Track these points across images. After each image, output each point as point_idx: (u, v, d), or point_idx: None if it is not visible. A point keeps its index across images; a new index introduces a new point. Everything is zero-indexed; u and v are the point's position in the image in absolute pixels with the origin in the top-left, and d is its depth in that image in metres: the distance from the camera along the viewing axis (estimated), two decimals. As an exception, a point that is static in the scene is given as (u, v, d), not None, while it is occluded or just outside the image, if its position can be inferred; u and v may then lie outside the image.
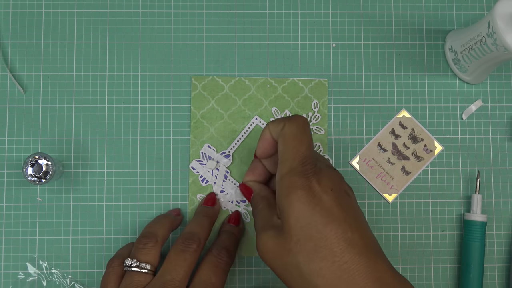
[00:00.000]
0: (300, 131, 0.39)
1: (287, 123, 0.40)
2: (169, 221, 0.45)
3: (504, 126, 0.50)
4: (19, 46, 0.49)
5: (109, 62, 0.49)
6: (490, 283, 0.48)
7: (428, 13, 0.51)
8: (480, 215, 0.47)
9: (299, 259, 0.36)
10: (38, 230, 0.47)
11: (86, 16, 0.49)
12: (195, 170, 0.48)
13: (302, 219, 0.36)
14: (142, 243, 0.42)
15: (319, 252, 0.36)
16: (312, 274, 0.35)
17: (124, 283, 0.40)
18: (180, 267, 0.41)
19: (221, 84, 0.49)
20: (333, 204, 0.37)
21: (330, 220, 0.36)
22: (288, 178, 0.38)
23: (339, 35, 0.50)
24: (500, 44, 0.41)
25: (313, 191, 0.37)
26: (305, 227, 0.36)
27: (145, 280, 0.40)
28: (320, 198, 0.37)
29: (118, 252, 0.44)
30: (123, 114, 0.48)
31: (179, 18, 0.50)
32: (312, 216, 0.36)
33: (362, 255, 0.35)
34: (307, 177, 0.37)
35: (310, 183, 0.37)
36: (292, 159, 0.38)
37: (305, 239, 0.36)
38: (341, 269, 0.35)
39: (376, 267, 0.36)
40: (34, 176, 0.44)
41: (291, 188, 0.37)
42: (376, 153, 0.49)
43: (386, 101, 0.49)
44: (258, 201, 0.43)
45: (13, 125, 0.48)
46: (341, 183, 0.39)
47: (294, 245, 0.36)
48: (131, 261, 0.41)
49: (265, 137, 0.42)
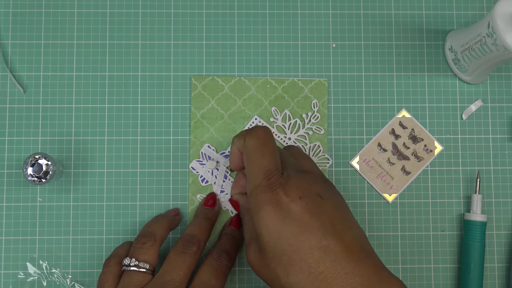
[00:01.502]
0: (260, 142, 0.39)
1: (247, 137, 0.39)
2: (167, 220, 0.45)
3: (504, 126, 0.50)
4: (19, 46, 0.49)
5: (109, 62, 0.49)
6: (490, 283, 0.48)
7: (428, 13, 0.51)
8: (480, 215, 0.47)
9: (278, 273, 0.36)
10: (38, 230, 0.47)
11: (86, 16, 0.49)
12: (195, 170, 0.48)
13: (274, 234, 0.36)
14: (141, 242, 0.42)
15: (294, 265, 0.35)
16: (292, 286, 0.36)
17: (123, 283, 0.40)
18: (180, 268, 0.41)
19: (221, 84, 0.49)
20: (303, 213, 0.36)
21: (301, 231, 0.35)
22: (255, 195, 0.37)
23: (339, 35, 0.50)
24: (500, 44, 0.41)
25: (280, 204, 0.36)
26: (277, 242, 0.36)
27: (143, 280, 0.40)
28: (288, 210, 0.36)
29: (114, 251, 0.44)
30: (123, 114, 0.48)
31: (179, 18, 0.50)
32: (282, 231, 0.36)
33: (339, 262, 0.35)
34: (273, 190, 0.37)
35: (276, 197, 0.36)
36: (256, 174, 0.38)
37: (280, 254, 0.36)
38: (318, 280, 0.35)
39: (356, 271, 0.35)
40: (34, 176, 0.44)
41: (259, 205, 0.37)
42: (376, 153, 0.49)
43: (386, 101, 0.50)
44: (243, 214, 0.44)
45: (13, 125, 0.48)
46: (312, 187, 0.38)
47: (271, 261, 0.36)
48: (130, 260, 0.41)
49: (233, 152, 0.42)
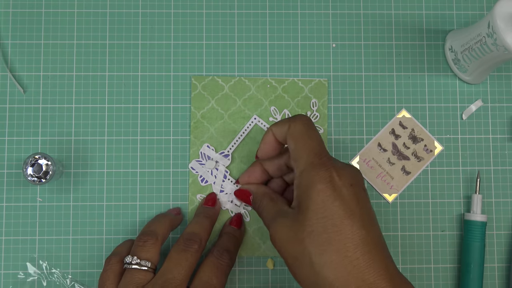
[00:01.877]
0: (307, 128, 0.40)
1: (292, 123, 0.40)
2: (169, 219, 0.45)
3: (504, 126, 0.50)
4: (19, 46, 0.49)
5: (109, 62, 0.49)
6: (490, 283, 0.48)
7: (428, 13, 0.51)
8: (480, 215, 0.47)
9: (311, 249, 0.36)
10: (38, 230, 0.47)
11: (86, 16, 0.49)
12: (194, 170, 0.48)
13: (320, 212, 0.36)
14: (142, 240, 0.42)
15: (332, 245, 0.36)
16: (323, 265, 0.36)
17: (124, 281, 0.40)
18: (181, 266, 0.41)
19: (221, 84, 0.49)
20: (352, 200, 0.37)
21: (347, 215, 0.36)
22: (307, 172, 0.38)
23: (339, 35, 0.50)
24: (500, 44, 0.41)
25: (334, 184, 0.37)
26: (321, 219, 0.36)
27: (145, 278, 0.40)
28: (340, 192, 0.37)
29: (115, 250, 0.44)
30: (123, 114, 0.48)
31: (179, 18, 0.50)
32: (330, 210, 0.36)
33: (374, 253, 0.36)
34: (327, 169, 0.37)
35: (330, 176, 0.37)
36: (307, 155, 0.38)
37: (320, 231, 0.36)
38: (352, 264, 0.35)
39: (386, 265, 0.36)
40: (34, 176, 0.44)
41: (312, 182, 0.37)
42: (376, 153, 0.49)
43: (386, 101, 0.49)
44: (260, 199, 0.43)
45: (13, 125, 0.48)
46: (360, 180, 0.39)
47: (308, 235, 0.36)
48: (131, 259, 0.41)
49: (268, 140, 0.42)
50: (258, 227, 0.48)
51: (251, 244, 0.48)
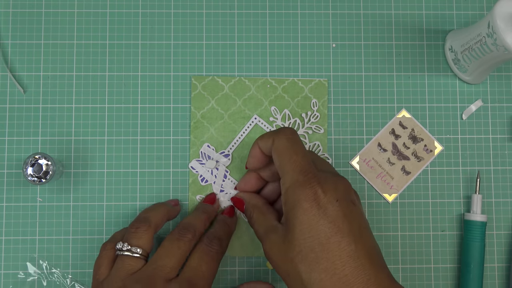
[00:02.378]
0: (291, 142, 0.39)
1: (276, 137, 0.40)
2: (165, 209, 0.45)
3: (504, 126, 0.50)
4: (19, 46, 0.49)
5: (109, 62, 0.49)
6: (490, 283, 0.48)
7: (428, 13, 0.51)
8: (480, 215, 0.47)
9: (301, 268, 0.36)
10: (38, 230, 0.47)
11: (86, 16, 0.49)
12: (194, 170, 0.48)
13: (306, 231, 0.36)
14: (135, 227, 0.42)
15: (320, 264, 0.36)
16: (312, 284, 0.36)
17: (116, 267, 0.40)
18: (173, 254, 0.41)
19: (221, 84, 0.49)
20: (338, 216, 0.36)
21: (333, 233, 0.36)
22: (292, 190, 0.38)
23: (339, 35, 0.50)
24: (500, 44, 0.41)
25: (318, 202, 0.37)
26: (308, 239, 0.36)
27: (136, 265, 0.40)
28: (325, 210, 0.37)
29: (113, 236, 0.44)
30: (123, 114, 0.48)
31: (179, 18, 0.50)
32: (316, 229, 0.36)
33: (363, 268, 0.36)
34: (311, 186, 0.37)
35: (315, 194, 0.37)
36: (292, 171, 0.38)
37: (307, 250, 0.36)
38: (341, 282, 0.35)
39: (377, 279, 0.36)
40: (34, 176, 0.44)
41: (298, 201, 0.37)
42: (376, 153, 0.49)
43: (386, 101, 0.49)
44: (250, 211, 0.44)
45: (13, 125, 0.48)
46: (347, 192, 0.38)
47: (296, 255, 0.37)
48: (122, 245, 0.41)
49: (255, 153, 0.43)
50: (258, 227, 0.48)
51: (251, 244, 0.48)
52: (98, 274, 0.41)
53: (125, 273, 0.40)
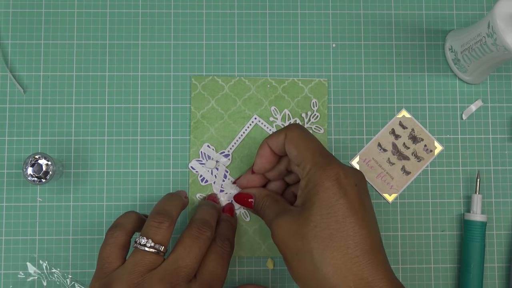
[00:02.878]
0: (305, 132, 0.41)
1: (288, 131, 0.41)
2: (181, 201, 0.43)
3: (504, 126, 0.50)
4: (19, 46, 0.49)
5: (109, 62, 0.49)
6: (490, 283, 0.48)
7: (428, 13, 0.51)
8: (480, 215, 0.47)
9: (313, 245, 0.37)
10: (38, 230, 0.47)
11: (86, 16, 0.49)
12: (194, 170, 0.48)
13: (325, 208, 0.37)
14: (158, 221, 0.40)
15: (334, 241, 0.36)
16: (323, 261, 0.36)
17: (134, 261, 0.39)
18: (194, 254, 0.40)
19: (221, 84, 0.49)
20: (356, 199, 0.38)
21: (351, 214, 0.37)
22: (313, 172, 0.39)
23: (339, 35, 0.50)
24: (500, 44, 0.41)
25: (340, 182, 0.38)
26: (325, 216, 0.37)
27: (155, 262, 0.39)
28: (345, 191, 0.38)
29: (118, 221, 0.42)
30: (123, 114, 0.48)
31: (179, 18, 0.50)
32: (334, 207, 0.37)
33: (374, 253, 0.37)
34: (333, 167, 0.38)
35: (337, 174, 0.38)
36: (312, 155, 0.39)
37: (323, 227, 0.37)
38: (352, 262, 0.36)
39: (385, 267, 0.37)
40: (34, 176, 0.44)
41: (320, 180, 0.38)
42: (376, 153, 0.49)
43: (386, 101, 0.50)
44: (262, 200, 0.44)
45: (13, 125, 0.48)
46: (364, 182, 0.40)
47: (311, 230, 0.37)
48: (146, 241, 0.39)
49: (264, 153, 0.43)
50: (258, 227, 0.48)
51: (251, 244, 0.48)
52: (107, 262, 0.39)
53: (144, 269, 0.38)
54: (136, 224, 0.42)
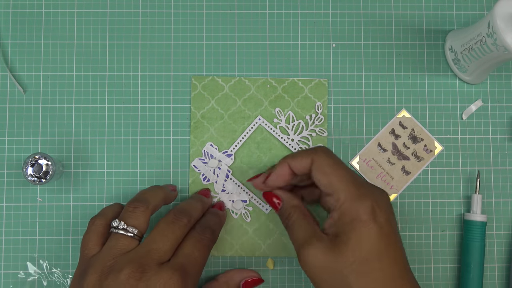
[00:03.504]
0: (333, 159, 0.41)
1: (315, 156, 0.41)
2: (163, 192, 0.44)
3: (504, 126, 0.50)
4: (19, 46, 0.49)
5: (109, 62, 0.49)
6: (490, 283, 0.49)
7: (428, 13, 0.51)
8: (480, 215, 0.47)
9: (351, 279, 0.37)
10: (38, 230, 0.47)
11: (86, 16, 0.49)
12: (197, 169, 0.48)
13: (364, 243, 0.38)
14: (132, 206, 0.41)
15: (373, 274, 0.37)
16: None
17: (109, 244, 0.40)
18: (167, 238, 0.40)
19: (221, 84, 0.49)
20: (390, 232, 0.39)
21: (387, 246, 0.38)
22: (349, 204, 0.39)
23: (339, 35, 0.50)
24: (500, 44, 0.41)
25: (375, 216, 0.38)
26: (364, 251, 0.38)
27: (130, 245, 0.40)
28: (380, 224, 0.38)
29: (102, 211, 0.43)
30: (123, 114, 0.48)
31: (179, 18, 0.50)
32: (373, 242, 0.38)
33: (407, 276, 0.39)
34: (368, 200, 0.39)
35: (372, 208, 0.39)
36: (346, 186, 0.39)
37: (361, 262, 0.37)
38: None
39: None
40: (34, 176, 0.44)
41: (355, 213, 0.38)
42: (376, 153, 0.49)
43: (386, 101, 0.50)
44: (289, 212, 0.43)
45: (13, 125, 0.48)
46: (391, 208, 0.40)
47: (349, 265, 0.38)
48: (119, 223, 0.40)
49: (283, 172, 0.43)
50: (258, 227, 0.48)
51: (251, 244, 0.48)
52: (86, 249, 0.41)
53: (118, 252, 0.39)
54: (117, 213, 0.43)
